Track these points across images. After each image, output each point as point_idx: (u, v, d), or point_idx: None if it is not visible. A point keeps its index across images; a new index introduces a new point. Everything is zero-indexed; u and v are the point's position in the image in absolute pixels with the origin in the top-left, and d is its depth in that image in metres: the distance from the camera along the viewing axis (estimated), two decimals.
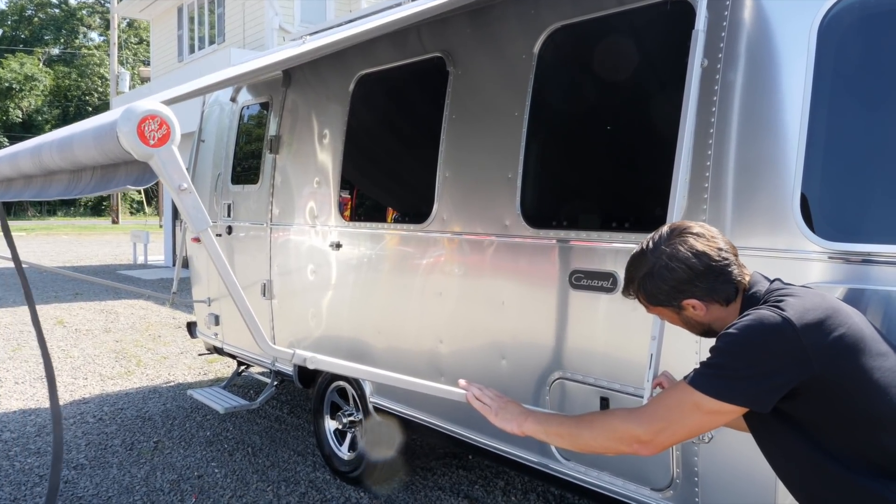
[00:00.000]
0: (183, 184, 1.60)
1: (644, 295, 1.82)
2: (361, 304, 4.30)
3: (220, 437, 5.49)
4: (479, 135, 3.55)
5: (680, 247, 1.73)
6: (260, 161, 5.24)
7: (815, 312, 1.59)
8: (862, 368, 1.58)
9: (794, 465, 1.71)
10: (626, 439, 1.72)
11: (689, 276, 1.72)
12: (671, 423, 1.67)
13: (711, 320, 1.79)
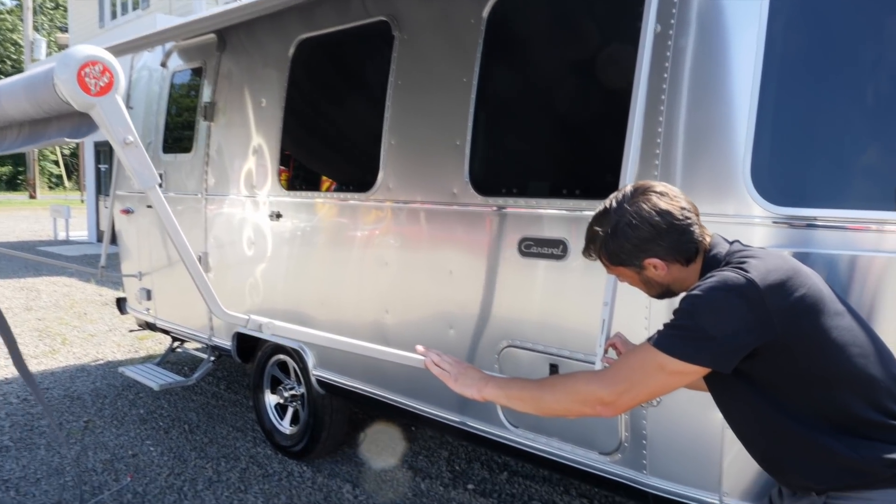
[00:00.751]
0: (128, 137, 1.49)
1: (606, 254, 1.80)
2: (303, 275, 4.21)
3: (154, 414, 5.33)
4: (425, 101, 3.48)
5: (643, 205, 1.71)
6: (193, 129, 5.05)
7: (777, 274, 1.61)
8: (821, 328, 1.61)
9: (751, 422, 1.74)
10: (589, 401, 1.72)
11: (651, 235, 1.71)
12: (634, 384, 1.67)
13: (671, 281, 1.79)
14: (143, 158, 1.54)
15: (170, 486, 4.15)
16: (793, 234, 2.35)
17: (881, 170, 2.38)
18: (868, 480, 1.59)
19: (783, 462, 1.71)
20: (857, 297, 2.29)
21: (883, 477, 1.58)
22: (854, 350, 1.61)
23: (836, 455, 1.60)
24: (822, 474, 1.63)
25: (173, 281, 5.33)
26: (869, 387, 1.61)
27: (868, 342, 1.65)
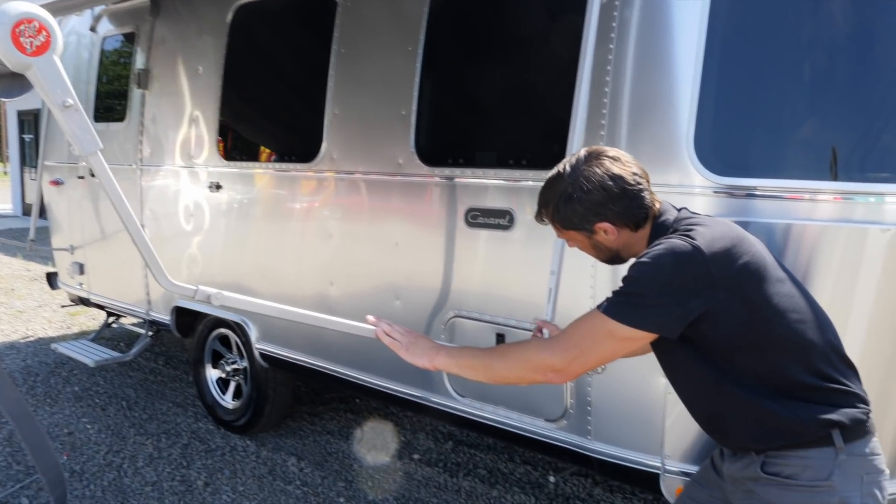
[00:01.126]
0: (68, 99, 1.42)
1: (559, 218, 1.80)
2: (244, 248, 4.13)
3: (89, 391, 5.19)
4: (370, 70, 3.43)
5: (597, 169, 1.73)
6: (126, 97, 4.87)
7: (723, 241, 1.64)
8: (763, 294, 1.65)
9: (695, 386, 1.79)
10: (540, 368, 1.74)
11: (604, 199, 1.73)
12: (584, 351, 1.70)
13: (620, 246, 1.81)
14: (84, 122, 1.47)
15: (108, 464, 4.06)
16: (734, 203, 2.41)
17: (817, 141, 2.45)
18: (805, 440, 1.65)
19: (725, 425, 1.76)
20: (793, 263, 2.36)
21: (819, 436, 1.64)
22: (794, 316, 1.67)
23: (776, 418, 1.65)
24: (763, 436, 1.69)
25: (108, 254, 5.17)
26: (807, 351, 1.67)
27: (807, 308, 1.71)
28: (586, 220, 1.76)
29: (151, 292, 4.81)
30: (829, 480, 1.63)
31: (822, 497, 1.64)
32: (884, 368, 2.44)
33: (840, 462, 1.63)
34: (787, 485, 1.67)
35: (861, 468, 1.66)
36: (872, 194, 2.37)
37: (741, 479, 1.76)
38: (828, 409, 1.65)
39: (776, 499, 1.68)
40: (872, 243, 2.34)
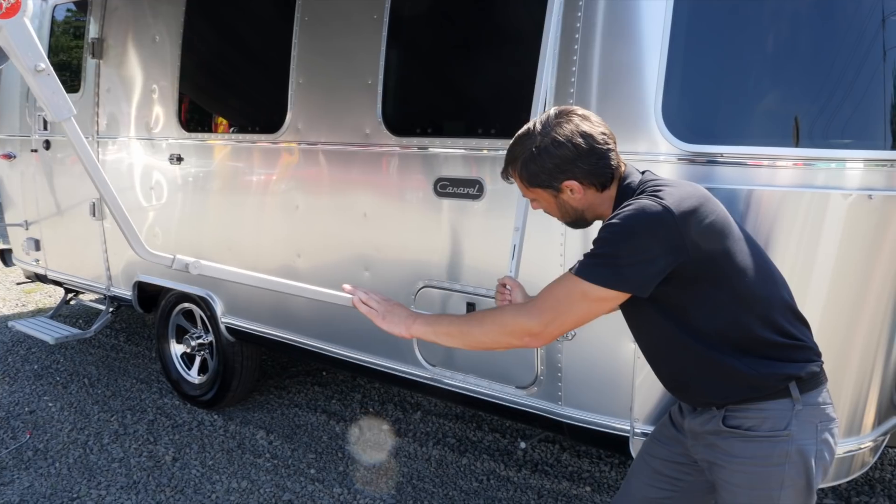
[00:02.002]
0: (40, 63, 1.38)
1: (526, 175, 1.80)
2: (207, 221, 4.07)
3: (49, 369, 5.10)
4: (334, 38, 3.39)
5: (566, 126, 1.74)
6: (80, 67, 4.73)
7: (690, 201, 1.67)
8: (727, 252, 1.70)
9: (661, 344, 1.84)
10: (517, 332, 1.76)
11: (572, 156, 1.73)
12: (560, 314, 1.72)
13: (585, 206, 1.82)
14: (57, 87, 1.43)
15: (73, 441, 4.01)
16: (700, 170, 2.45)
17: (781, 109, 2.50)
18: (764, 393, 1.72)
19: (689, 381, 1.82)
20: (757, 228, 2.41)
21: (777, 389, 1.72)
22: (754, 274, 1.73)
23: (738, 373, 1.72)
24: (725, 391, 1.75)
25: (65, 229, 5.05)
26: (767, 308, 1.73)
27: (765, 266, 1.77)
28: (553, 177, 1.76)
29: (112, 267, 4.73)
30: (787, 430, 1.71)
31: (781, 446, 1.71)
32: (843, 331, 2.52)
33: (797, 412, 1.71)
34: (748, 437, 1.73)
35: (815, 417, 1.74)
36: (834, 160, 2.43)
37: (703, 434, 1.83)
38: (787, 365, 1.72)
39: (738, 451, 1.75)
40: (834, 208, 2.40)
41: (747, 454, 1.74)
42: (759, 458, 1.73)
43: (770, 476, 1.73)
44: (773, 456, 1.72)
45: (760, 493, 1.75)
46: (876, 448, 2.77)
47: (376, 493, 3.50)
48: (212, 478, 3.64)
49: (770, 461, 1.72)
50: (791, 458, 1.71)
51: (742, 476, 1.75)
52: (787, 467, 1.71)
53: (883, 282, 2.50)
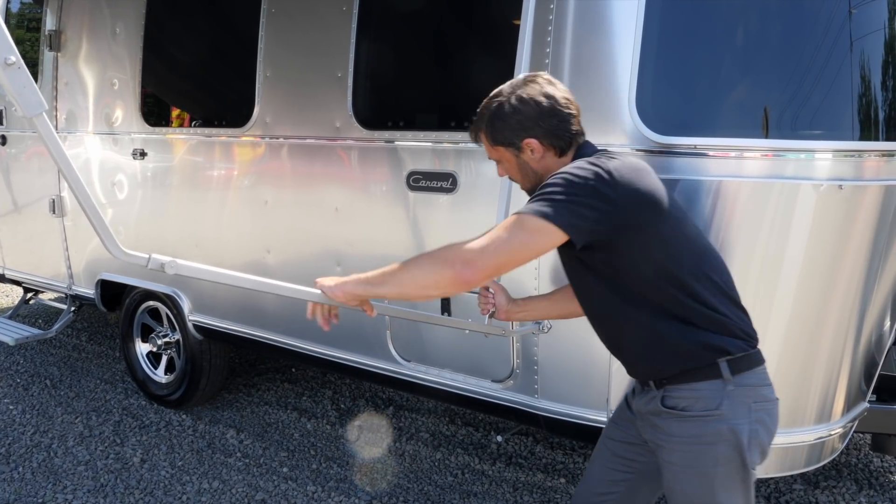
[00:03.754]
0: (10, 57, 1.33)
1: (490, 131, 1.89)
2: (174, 217, 3.99)
3: (9, 371, 4.96)
4: (303, 30, 3.33)
5: (532, 86, 1.85)
6: (37, 60, 4.60)
7: (629, 167, 1.76)
8: (657, 222, 1.76)
9: (597, 307, 1.92)
10: (450, 261, 1.70)
11: (535, 114, 1.83)
12: (495, 242, 1.70)
13: (544, 170, 1.88)
14: (28, 81, 1.37)
15: (37, 445, 3.90)
16: (674, 161, 2.46)
17: (752, 101, 2.52)
18: (696, 373, 1.79)
19: (623, 346, 1.93)
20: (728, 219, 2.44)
21: (707, 367, 1.78)
22: (684, 248, 1.80)
23: (665, 340, 1.79)
24: (654, 358, 1.83)
25: (23, 227, 4.91)
26: (694, 282, 1.79)
27: (700, 246, 1.85)
28: (516, 134, 1.86)
29: (73, 265, 4.61)
30: (718, 410, 1.77)
31: (713, 425, 1.77)
32: (814, 319, 2.56)
33: (728, 392, 1.77)
34: (682, 416, 1.80)
35: (749, 397, 1.79)
36: (803, 151, 2.45)
37: (646, 414, 1.90)
38: (714, 336, 1.78)
39: (675, 430, 1.82)
40: (804, 198, 2.43)
41: (683, 433, 1.81)
42: (694, 437, 1.79)
43: (704, 454, 1.79)
44: (705, 435, 1.78)
45: (696, 472, 1.81)
46: (845, 434, 2.82)
47: (350, 490, 3.47)
48: (182, 479, 3.57)
49: (703, 440, 1.78)
50: (724, 437, 1.77)
51: (679, 455, 1.83)
52: (721, 446, 1.77)
53: (852, 271, 2.54)
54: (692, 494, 1.84)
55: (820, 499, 3.39)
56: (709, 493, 1.81)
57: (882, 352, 2.93)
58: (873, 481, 3.55)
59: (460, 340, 2.98)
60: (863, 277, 2.57)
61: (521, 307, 2.23)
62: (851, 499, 3.39)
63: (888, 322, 2.88)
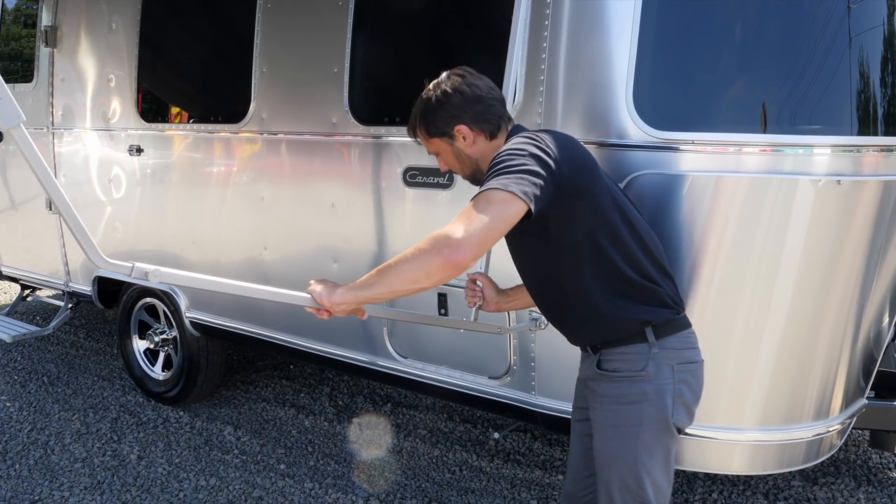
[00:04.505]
0: None
1: (424, 126, 2.02)
2: (170, 214, 3.97)
3: (6, 368, 4.95)
4: (299, 26, 3.32)
5: (455, 79, 1.99)
6: (33, 55, 4.58)
7: (562, 137, 1.89)
8: (593, 187, 1.86)
9: (539, 276, 2.03)
10: (436, 249, 1.69)
11: (460, 102, 1.96)
12: (472, 220, 1.71)
13: (478, 155, 2.01)
14: (4, 93, 1.34)
15: (33, 442, 3.89)
16: (672, 156, 2.44)
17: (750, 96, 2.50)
18: (624, 337, 1.92)
19: (564, 315, 2.05)
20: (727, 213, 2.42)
21: (633, 332, 1.91)
22: (621, 214, 1.90)
23: (600, 311, 1.91)
24: (589, 328, 1.98)
25: (19, 224, 4.90)
26: (634, 249, 1.90)
27: (631, 210, 1.96)
28: (446, 123, 1.98)
29: (70, 262, 4.60)
30: (644, 371, 1.90)
31: (639, 385, 1.91)
32: (812, 315, 2.54)
33: (653, 355, 1.90)
34: (613, 378, 1.94)
35: (672, 359, 1.92)
36: (802, 146, 2.44)
37: (586, 379, 2.06)
38: (643, 309, 1.91)
39: (605, 391, 1.96)
40: (802, 193, 2.41)
41: (612, 393, 1.94)
42: (620, 396, 1.93)
43: (630, 413, 1.91)
44: (631, 394, 1.91)
45: (622, 431, 1.93)
46: (843, 431, 2.81)
47: (348, 487, 3.46)
48: (179, 476, 3.57)
49: (629, 398, 1.91)
50: (648, 397, 1.89)
51: (606, 414, 1.96)
52: (645, 405, 1.90)
53: (850, 266, 2.53)
54: (616, 451, 1.95)
55: (818, 495, 3.38)
56: (631, 452, 1.92)
57: (880, 348, 2.92)
58: (871, 478, 3.54)
59: (458, 337, 2.97)
60: (861, 273, 2.56)
61: (511, 297, 2.31)
62: (850, 495, 3.38)
63: (887, 318, 2.87)
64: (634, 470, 1.92)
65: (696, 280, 2.49)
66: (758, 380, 2.56)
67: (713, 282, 2.48)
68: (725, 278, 2.47)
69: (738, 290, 2.47)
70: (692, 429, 2.58)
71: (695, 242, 2.46)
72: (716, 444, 2.63)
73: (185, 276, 1.96)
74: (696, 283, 2.49)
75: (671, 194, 2.43)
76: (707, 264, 2.48)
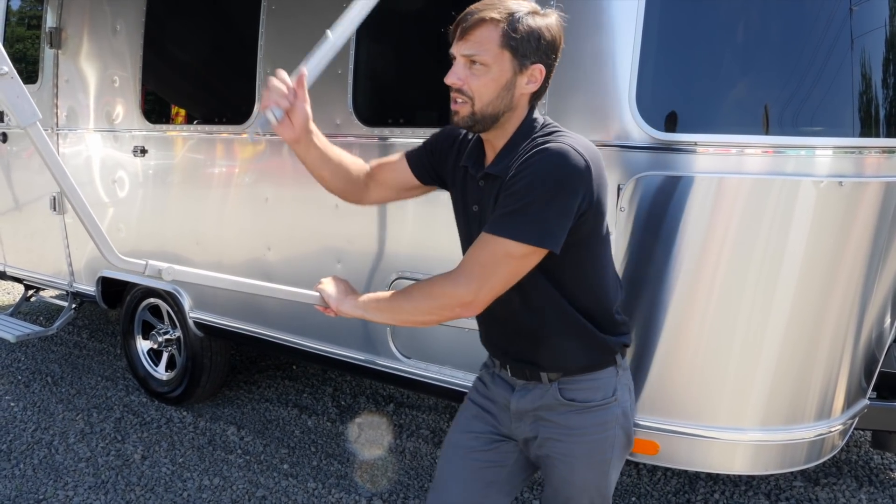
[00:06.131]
0: (3, 67, 1.33)
1: (513, 30, 1.62)
2: (174, 214, 3.99)
3: (10, 368, 4.97)
4: (301, 27, 3.33)
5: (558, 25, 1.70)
6: (38, 57, 4.60)
7: (595, 153, 1.65)
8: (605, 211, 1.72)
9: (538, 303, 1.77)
10: (448, 305, 1.65)
11: (556, 49, 1.69)
12: (489, 278, 1.62)
13: (512, 108, 1.69)
14: (22, 91, 1.37)
15: (38, 442, 3.91)
16: (674, 157, 2.46)
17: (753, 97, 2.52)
18: (600, 360, 1.81)
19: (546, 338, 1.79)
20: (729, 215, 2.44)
21: (612, 355, 1.83)
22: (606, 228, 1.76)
23: (594, 337, 1.77)
24: (573, 355, 1.79)
25: (24, 224, 4.92)
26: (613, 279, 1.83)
27: None
28: (536, 54, 1.63)
29: (74, 262, 4.62)
30: (614, 395, 1.82)
31: (612, 410, 1.82)
32: (814, 316, 2.56)
33: (619, 378, 1.83)
34: (586, 408, 1.80)
35: (627, 378, 1.88)
36: (804, 147, 2.45)
37: (532, 411, 1.84)
38: (622, 335, 1.84)
39: (577, 423, 1.81)
40: (804, 195, 2.42)
41: (587, 424, 1.81)
42: (598, 426, 1.81)
43: (606, 441, 1.83)
44: (607, 422, 1.81)
45: (597, 459, 1.84)
46: (845, 431, 2.82)
47: (350, 487, 3.48)
48: (183, 475, 3.58)
49: (606, 427, 1.82)
50: (619, 420, 1.83)
51: (583, 447, 1.82)
52: (616, 429, 1.83)
53: (852, 267, 2.54)
54: (591, 481, 1.86)
55: (820, 496, 3.39)
56: (603, 476, 1.87)
57: (882, 349, 2.93)
58: (873, 478, 3.55)
59: (461, 337, 2.98)
60: (863, 274, 2.57)
61: None
62: (851, 496, 3.39)
63: (888, 319, 2.88)
64: (604, 491, 1.89)
65: (698, 281, 2.50)
66: (760, 380, 2.57)
67: (715, 282, 2.49)
68: (728, 279, 2.48)
69: (741, 291, 2.48)
70: (695, 429, 2.62)
71: (697, 243, 2.47)
72: (718, 444, 2.64)
73: (197, 274, 1.97)
74: (699, 284, 2.51)
75: (674, 195, 2.44)
76: (709, 265, 2.50)
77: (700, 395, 2.63)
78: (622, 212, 2.49)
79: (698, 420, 2.64)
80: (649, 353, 2.61)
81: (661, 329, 2.59)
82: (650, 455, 2.68)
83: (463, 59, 1.68)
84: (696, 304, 2.53)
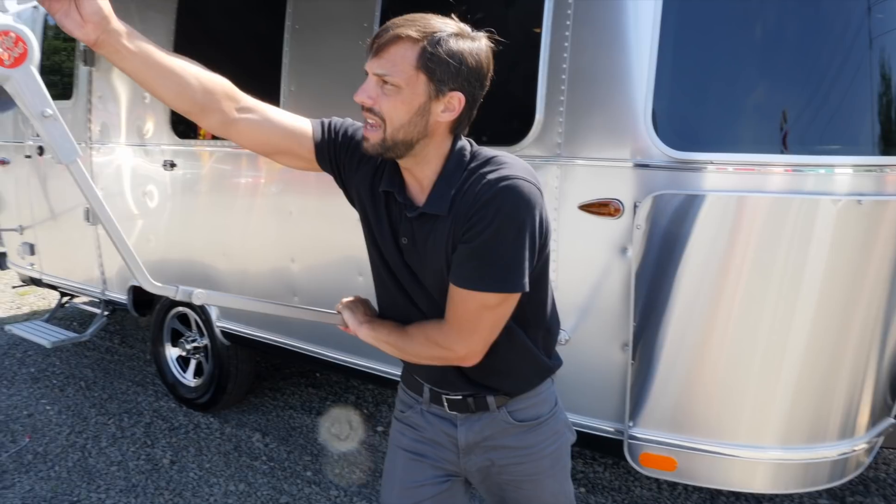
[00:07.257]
0: (47, 109, 1.39)
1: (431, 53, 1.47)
2: (203, 226, 4.08)
3: (46, 373, 5.10)
4: (325, 46, 3.39)
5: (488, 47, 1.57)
6: (73, 74, 4.73)
7: (532, 172, 1.56)
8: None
9: None
10: (448, 357, 1.65)
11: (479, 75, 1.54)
12: (475, 331, 1.60)
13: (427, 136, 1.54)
14: (63, 131, 1.44)
15: (72, 445, 4.02)
16: (690, 176, 2.47)
17: (770, 116, 2.52)
18: (543, 378, 1.80)
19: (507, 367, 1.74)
20: (748, 235, 2.44)
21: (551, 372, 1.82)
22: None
23: (540, 360, 1.76)
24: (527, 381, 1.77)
25: (59, 234, 5.05)
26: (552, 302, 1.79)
27: None
28: (452, 78, 1.48)
29: (106, 271, 4.74)
30: (556, 405, 1.85)
31: (557, 420, 1.84)
32: (836, 335, 2.54)
33: (553, 388, 1.85)
34: (539, 423, 1.80)
35: (554, 387, 1.87)
36: (823, 166, 2.44)
37: (482, 441, 1.79)
38: (558, 357, 1.84)
39: (534, 440, 1.80)
40: (823, 213, 2.41)
41: (542, 438, 1.81)
42: (552, 436, 1.82)
43: (562, 448, 1.86)
44: (558, 430, 1.84)
45: (560, 466, 1.87)
46: (871, 449, 2.80)
47: (372, 495, 3.52)
48: (209, 481, 3.66)
49: (558, 434, 1.84)
50: (565, 423, 1.87)
51: (546, 460, 1.83)
52: (566, 432, 1.87)
53: (874, 285, 2.52)
54: (559, 490, 1.87)
55: None
56: (566, 480, 1.90)
57: None
58: None
59: None
60: (886, 291, 2.55)
61: None
62: None
63: None
64: (570, 495, 1.91)
65: (716, 299, 2.51)
66: (780, 398, 2.57)
67: (735, 301, 2.50)
68: (747, 297, 2.48)
69: (760, 310, 2.48)
70: (715, 446, 2.62)
71: (715, 262, 2.47)
72: (738, 461, 2.64)
73: (225, 298, 2.01)
74: (717, 302, 2.51)
75: (691, 214, 2.45)
76: (729, 283, 2.50)
77: (720, 413, 2.63)
78: (638, 230, 2.50)
79: (719, 437, 2.64)
80: (668, 371, 2.62)
81: (681, 347, 2.60)
82: (668, 472, 2.69)
83: (375, 77, 1.52)
84: (715, 321, 2.53)
